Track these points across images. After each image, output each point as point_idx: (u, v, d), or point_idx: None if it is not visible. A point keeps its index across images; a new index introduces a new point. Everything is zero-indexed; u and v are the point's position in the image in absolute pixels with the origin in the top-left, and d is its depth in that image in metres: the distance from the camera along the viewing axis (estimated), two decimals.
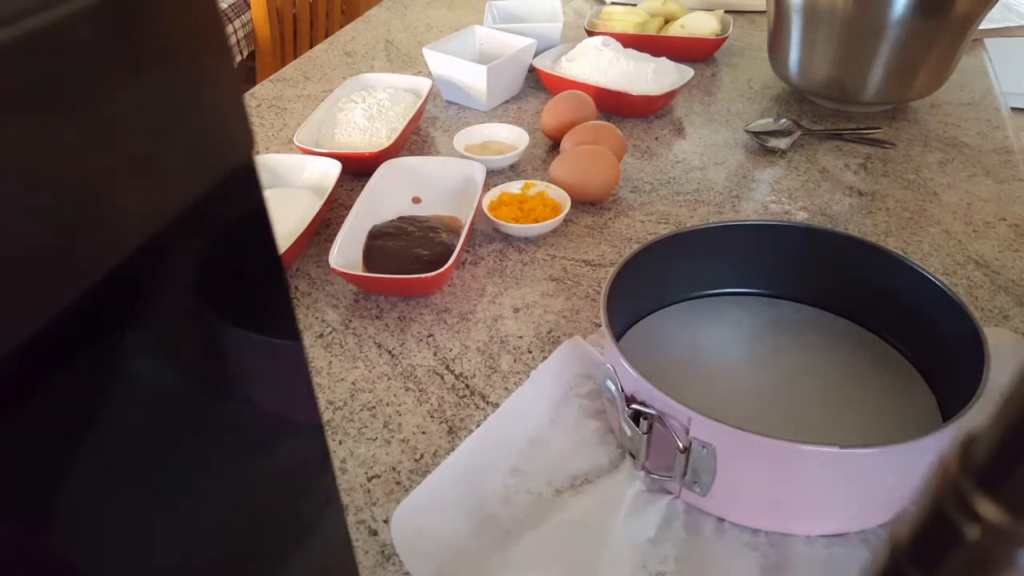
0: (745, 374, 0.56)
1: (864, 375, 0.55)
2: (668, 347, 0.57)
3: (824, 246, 0.58)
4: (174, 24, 0.18)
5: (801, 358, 0.56)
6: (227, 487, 0.25)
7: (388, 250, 0.65)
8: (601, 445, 0.50)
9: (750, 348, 0.58)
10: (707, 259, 0.60)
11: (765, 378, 0.55)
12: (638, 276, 0.55)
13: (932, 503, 0.18)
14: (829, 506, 0.44)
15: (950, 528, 0.17)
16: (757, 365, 0.56)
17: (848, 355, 0.56)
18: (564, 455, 0.49)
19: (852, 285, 0.58)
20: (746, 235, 0.60)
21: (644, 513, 0.45)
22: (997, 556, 0.16)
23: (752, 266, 0.61)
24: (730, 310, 0.61)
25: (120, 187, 0.17)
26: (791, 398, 0.53)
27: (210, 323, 0.22)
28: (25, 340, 0.15)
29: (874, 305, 0.57)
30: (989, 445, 0.17)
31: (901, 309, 0.55)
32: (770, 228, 0.60)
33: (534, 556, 0.43)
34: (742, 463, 0.43)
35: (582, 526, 0.44)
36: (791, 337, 0.58)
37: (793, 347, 0.57)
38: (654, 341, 0.58)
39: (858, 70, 0.88)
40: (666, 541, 0.44)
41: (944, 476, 0.18)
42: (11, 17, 0.14)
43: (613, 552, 0.43)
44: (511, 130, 0.86)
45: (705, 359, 0.56)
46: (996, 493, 0.16)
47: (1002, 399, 0.17)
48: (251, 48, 1.74)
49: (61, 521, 0.18)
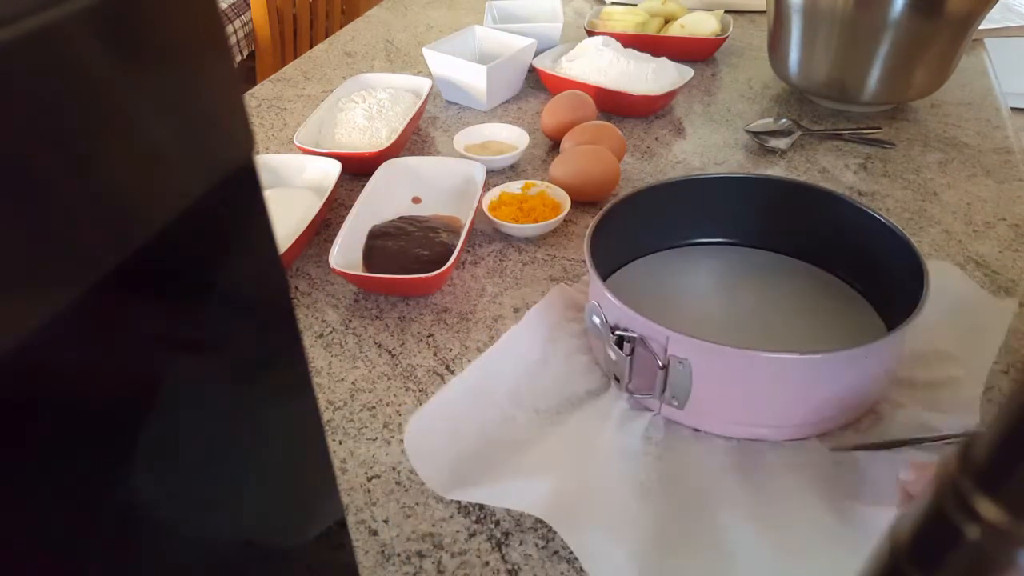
0: (716, 307, 0.62)
1: (821, 308, 0.61)
2: (647, 288, 0.63)
3: (786, 195, 0.64)
4: (174, 24, 0.18)
5: (765, 294, 0.63)
6: (227, 487, 0.25)
7: (388, 250, 0.65)
8: (588, 374, 0.55)
9: (720, 288, 0.65)
10: (680, 211, 0.66)
11: (734, 311, 0.62)
12: (619, 225, 0.61)
13: (932, 503, 0.18)
14: (791, 412, 0.49)
15: (950, 528, 0.17)
16: (727, 300, 0.63)
17: (807, 291, 0.63)
18: (556, 383, 0.54)
19: (811, 231, 0.64)
20: (714, 187, 0.66)
21: (629, 427, 0.50)
22: (997, 556, 0.16)
23: (720, 217, 0.67)
24: (702, 258, 0.67)
25: (120, 187, 0.17)
26: (758, 325, 0.60)
27: (210, 323, 0.22)
28: (24, 340, 0.15)
29: (830, 247, 0.64)
30: (989, 446, 0.17)
31: (854, 248, 0.61)
32: (736, 180, 0.67)
33: (535, 464, 0.48)
34: (714, 375, 0.49)
35: (575, 440, 0.50)
36: (756, 279, 0.65)
37: (758, 287, 0.64)
38: (635, 283, 0.64)
39: (858, 70, 0.88)
40: (649, 450, 0.49)
41: (944, 476, 0.18)
42: (11, 17, 0.14)
43: (603, 461, 0.48)
44: (511, 130, 0.86)
45: (681, 297, 0.63)
46: (996, 493, 0.16)
47: (1002, 400, 0.17)
48: (251, 48, 1.74)
49: (61, 521, 0.18)
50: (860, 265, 0.62)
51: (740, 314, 0.61)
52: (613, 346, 0.51)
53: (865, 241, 0.60)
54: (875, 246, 0.59)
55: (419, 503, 0.48)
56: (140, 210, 0.18)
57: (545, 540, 0.45)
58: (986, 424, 0.17)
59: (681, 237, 0.67)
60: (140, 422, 0.20)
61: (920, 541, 0.18)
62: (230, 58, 0.20)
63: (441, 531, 0.46)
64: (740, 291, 0.63)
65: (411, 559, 0.44)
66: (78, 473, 0.18)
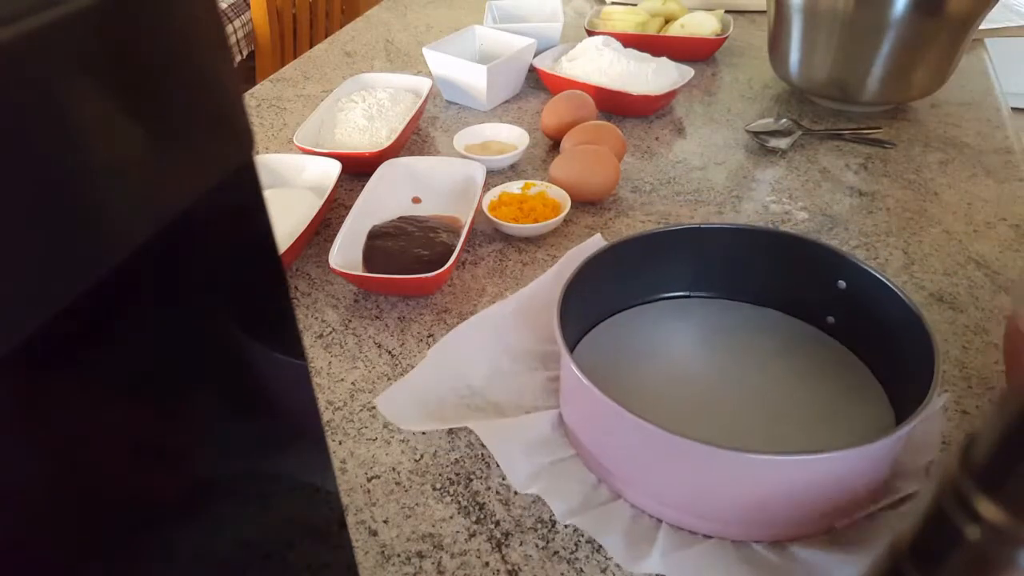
0: (697, 376, 0.55)
1: (818, 376, 0.54)
2: (621, 352, 0.57)
3: (781, 249, 0.58)
4: (174, 24, 0.18)
5: (753, 359, 0.56)
6: (227, 487, 0.25)
7: (388, 250, 0.65)
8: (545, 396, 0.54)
9: (703, 349, 0.57)
10: (665, 263, 0.60)
11: (715, 380, 0.55)
12: (587, 288, 0.55)
13: (933, 503, 0.18)
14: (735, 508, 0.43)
15: (951, 528, 0.17)
16: (708, 366, 0.56)
17: (803, 356, 0.56)
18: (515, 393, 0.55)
19: (805, 286, 0.57)
20: (695, 238, 0.59)
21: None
22: (997, 556, 0.16)
23: (703, 269, 0.61)
24: (685, 313, 0.61)
25: (120, 187, 0.17)
26: (742, 400, 0.53)
27: (210, 323, 0.22)
28: (24, 341, 0.15)
29: (828, 306, 0.57)
30: (989, 446, 0.17)
31: (857, 311, 0.54)
32: (721, 231, 0.59)
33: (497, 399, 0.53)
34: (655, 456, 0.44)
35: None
36: (744, 338, 0.58)
37: (746, 348, 0.57)
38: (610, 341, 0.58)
39: (858, 70, 0.88)
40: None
41: (945, 477, 0.18)
42: (11, 17, 0.14)
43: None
44: (511, 130, 0.86)
45: (657, 363, 0.56)
46: (996, 494, 0.16)
47: (1001, 401, 0.17)
48: (251, 48, 1.74)
49: (59, 521, 0.18)
50: (862, 329, 0.55)
51: (723, 381, 0.54)
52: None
53: (866, 301, 0.53)
54: (876, 306, 0.52)
55: (419, 503, 0.48)
56: (140, 210, 0.18)
57: (545, 540, 0.45)
58: (986, 424, 0.17)
59: (662, 289, 0.62)
60: (139, 422, 0.20)
61: (920, 541, 0.18)
62: (230, 58, 0.20)
63: (441, 531, 0.46)
64: (724, 352, 0.57)
65: (411, 559, 0.44)
66: (78, 473, 0.18)
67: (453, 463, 0.50)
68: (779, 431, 0.50)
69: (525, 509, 0.47)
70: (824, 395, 0.53)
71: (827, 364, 0.55)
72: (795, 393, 0.53)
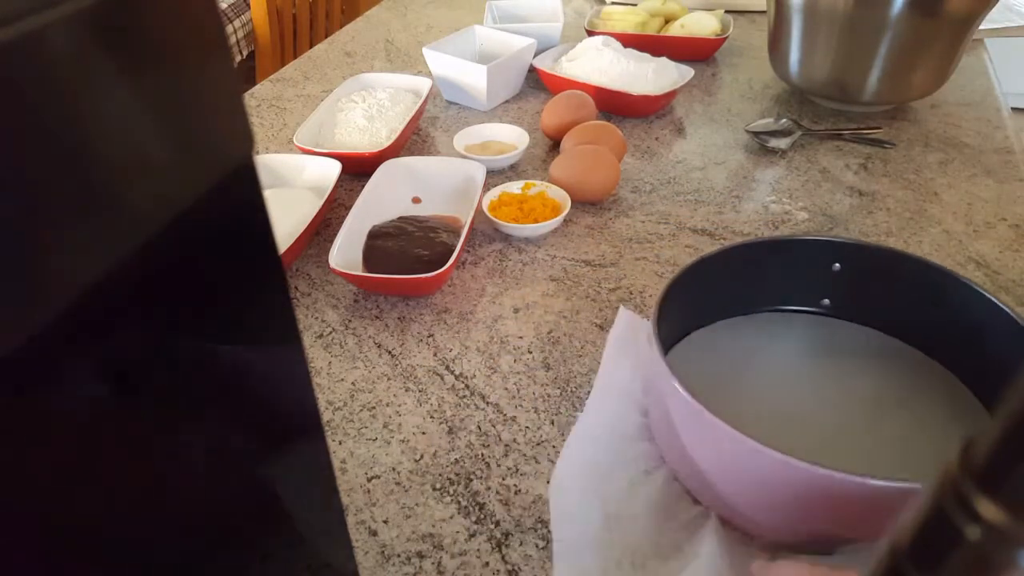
0: (794, 396, 0.53)
1: (919, 401, 0.52)
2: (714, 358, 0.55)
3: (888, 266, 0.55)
4: (174, 24, 0.18)
5: (854, 380, 0.54)
6: (227, 487, 0.25)
7: (388, 250, 0.65)
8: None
9: (802, 367, 0.55)
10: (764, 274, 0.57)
11: (814, 400, 0.52)
12: (687, 292, 0.52)
13: (933, 503, 0.18)
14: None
15: (951, 528, 0.17)
16: (807, 386, 0.53)
17: (903, 380, 0.53)
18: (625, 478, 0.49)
19: (914, 309, 0.54)
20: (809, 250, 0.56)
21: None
22: (997, 556, 0.16)
23: (806, 282, 0.58)
24: (781, 327, 0.58)
25: (120, 186, 0.17)
26: (841, 423, 0.50)
27: (210, 323, 0.22)
28: (24, 341, 0.15)
29: (934, 329, 0.54)
30: (989, 446, 0.17)
31: (961, 333, 0.52)
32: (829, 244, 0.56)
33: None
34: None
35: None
36: (845, 358, 0.55)
37: (847, 368, 0.55)
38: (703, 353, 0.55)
39: (858, 70, 0.88)
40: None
41: (945, 476, 0.18)
42: (11, 17, 0.14)
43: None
44: (511, 130, 0.86)
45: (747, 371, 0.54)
46: (997, 494, 0.16)
47: (1002, 401, 0.17)
48: (251, 48, 1.74)
49: (59, 522, 0.18)
50: (966, 352, 0.52)
51: (822, 402, 0.52)
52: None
53: (971, 323, 0.50)
54: (982, 328, 0.49)
55: (419, 503, 0.48)
56: (140, 210, 0.18)
57: (545, 540, 0.45)
58: (986, 425, 0.17)
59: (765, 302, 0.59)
60: (139, 423, 0.20)
61: (920, 541, 0.18)
62: (230, 58, 0.20)
63: (441, 531, 0.46)
64: (824, 372, 0.54)
65: (411, 559, 0.44)
66: (77, 473, 0.18)
67: (453, 463, 0.50)
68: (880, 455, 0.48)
69: (525, 509, 0.47)
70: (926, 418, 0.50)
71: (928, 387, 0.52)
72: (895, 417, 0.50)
